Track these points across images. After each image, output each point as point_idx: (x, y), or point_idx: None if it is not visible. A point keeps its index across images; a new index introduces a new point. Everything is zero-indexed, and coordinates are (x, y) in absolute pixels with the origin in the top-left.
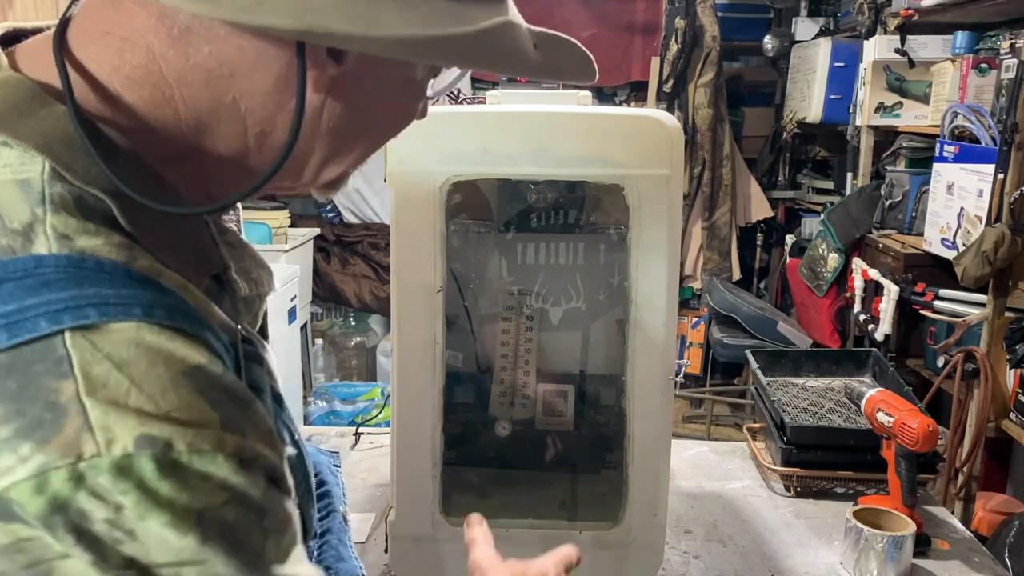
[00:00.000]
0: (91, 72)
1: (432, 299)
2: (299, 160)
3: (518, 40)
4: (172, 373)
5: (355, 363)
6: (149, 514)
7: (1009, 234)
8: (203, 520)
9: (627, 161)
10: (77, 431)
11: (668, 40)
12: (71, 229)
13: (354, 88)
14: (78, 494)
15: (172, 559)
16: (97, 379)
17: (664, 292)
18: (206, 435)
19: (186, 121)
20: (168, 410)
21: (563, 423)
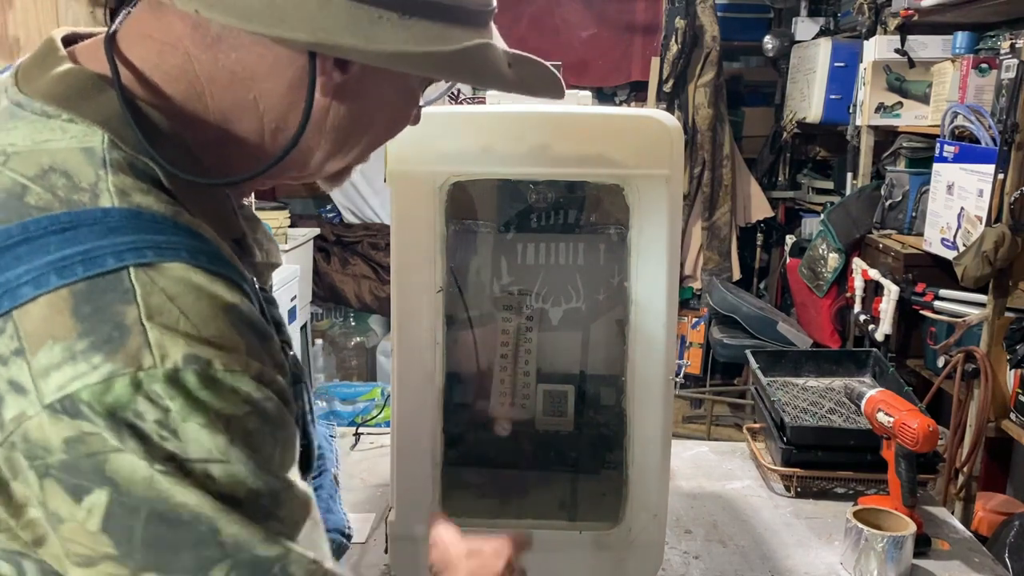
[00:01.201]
0: (137, 67)
1: (432, 299)
2: (305, 153)
3: (495, 59)
4: (213, 307)
5: (355, 363)
6: (190, 417)
7: (1009, 234)
8: (231, 426)
9: (627, 161)
10: (139, 347)
11: (668, 40)
12: (128, 187)
13: (357, 94)
14: (136, 397)
15: (204, 456)
16: (155, 307)
17: (664, 292)
18: (236, 358)
19: (213, 113)
20: (209, 336)
21: (563, 423)
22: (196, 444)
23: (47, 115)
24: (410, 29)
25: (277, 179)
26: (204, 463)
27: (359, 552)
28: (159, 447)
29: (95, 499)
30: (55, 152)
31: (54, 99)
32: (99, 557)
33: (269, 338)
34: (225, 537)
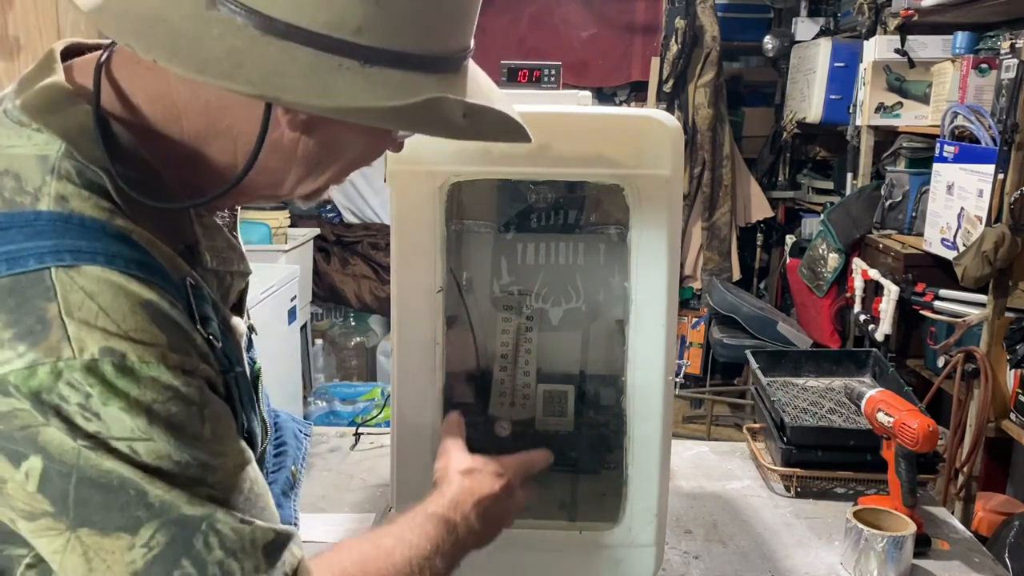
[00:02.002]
0: (121, 87)
1: (432, 299)
2: (278, 176)
3: (445, 111)
4: (131, 304)
5: (355, 363)
6: (110, 401)
7: (1009, 234)
8: (151, 409)
9: (627, 161)
10: (59, 339)
11: (668, 40)
12: (69, 193)
13: (323, 129)
14: (58, 383)
15: (127, 435)
16: (74, 303)
17: (664, 292)
18: (153, 351)
19: (188, 135)
20: (127, 331)
21: (563, 423)
22: (118, 425)
23: (22, 123)
24: (370, 78)
25: (251, 199)
26: (128, 441)
27: None
28: (83, 427)
29: (31, 464)
30: (14, 157)
31: (30, 109)
32: (39, 513)
33: (189, 331)
34: (152, 500)
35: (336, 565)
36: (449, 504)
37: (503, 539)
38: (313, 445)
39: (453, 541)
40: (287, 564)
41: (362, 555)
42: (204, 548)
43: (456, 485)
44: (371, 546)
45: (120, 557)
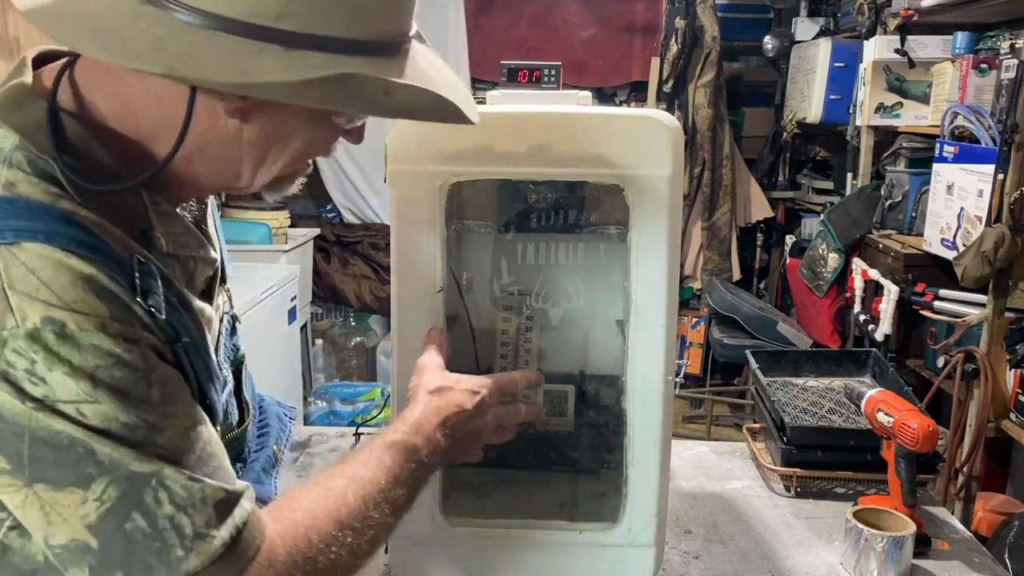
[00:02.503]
0: (80, 87)
1: (432, 299)
2: (232, 165)
3: (363, 88)
4: (71, 278)
5: (355, 363)
6: (54, 367)
7: (1009, 234)
8: (94, 375)
9: (627, 161)
10: (3, 311)
11: (668, 40)
12: (18, 180)
13: (263, 115)
14: (4, 351)
15: (73, 398)
16: (16, 278)
17: (664, 292)
18: (93, 320)
19: (143, 130)
20: (67, 302)
21: (563, 423)
22: (64, 388)
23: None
24: (291, 61)
25: (213, 191)
26: (74, 404)
27: None
28: (31, 392)
29: None
30: None
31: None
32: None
33: (129, 304)
34: (101, 457)
35: (286, 517)
36: (411, 428)
37: (503, 539)
38: (313, 445)
39: (416, 466)
40: (237, 518)
41: (311, 503)
42: (154, 502)
43: (421, 406)
44: (321, 491)
45: (74, 511)
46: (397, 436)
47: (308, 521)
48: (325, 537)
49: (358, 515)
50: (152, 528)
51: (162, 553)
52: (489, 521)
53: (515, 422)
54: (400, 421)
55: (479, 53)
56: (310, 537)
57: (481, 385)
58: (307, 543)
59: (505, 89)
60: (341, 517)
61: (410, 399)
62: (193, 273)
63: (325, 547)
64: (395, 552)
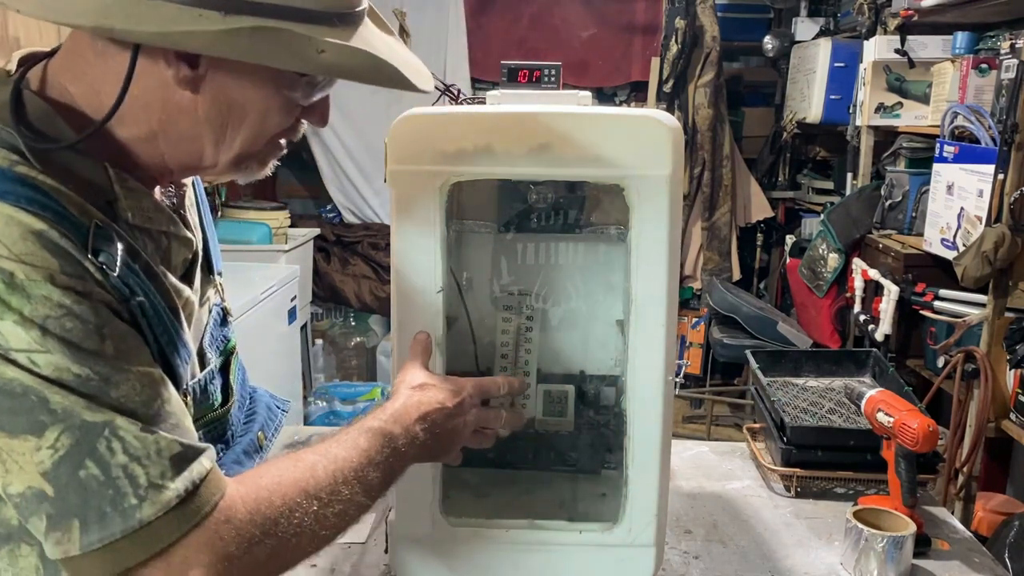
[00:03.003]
0: (50, 71)
1: (432, 299)
2: (195, 142)
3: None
4: (21, 232)
5: (355, 363)
6: (4, 315)
7: (1009, 234)
8: (44, 325)
9: (627, 161)
10: None
11: (668, 40)
12: None
13: (213, 86)
14: None
15: (24, 347)
16: None
17: (664, 292)
18: (41, 271)
19: (106, 108)
20: (17, 254)
21: (563, 423)
22: (14, 337)
23: None
24: (226, 23)
25: (184, 174)
26: (26, 352)
27: (359, 552)
28: None
29: None
30: None
31: None
32: None
33: (80, 260)
34: (54, 406)
35: (251, 482)
36: (390, 416)
37: (503, 539)
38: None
39: (391, 452)
40: (195, 473)
41: (278, 471)
42: (107, 451)
43: (402, 399)
44: (290, 462)
45: (30, 458)
46: (375, 422)
47: (272, 486)
48: (288, 503)
49: (326, 487)
50: (105, 476)
51: (116, 501)
52: (489, 521)
53: (495, 427)
54: (380, 410)
55: (479, 53)
56: (272, 500)
57: (463, 386)
58: (268, 504)
59: (505, 89)
60: (307, 487)
61: (392, 393)
62: (168, 251)
63: (288, 512)
64: (395, 552)
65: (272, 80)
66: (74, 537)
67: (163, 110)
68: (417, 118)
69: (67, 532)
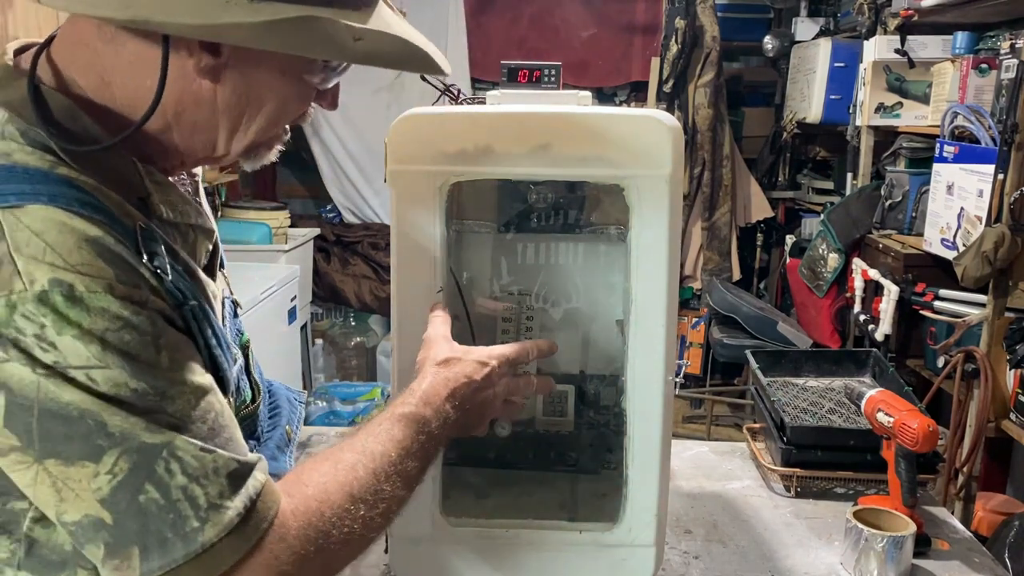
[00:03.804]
0: (56, 63)
1: (432, 299)
2: (209, 132)
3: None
4: (76, 240)
5: (355, 363)
6: (64, 331)
7: (1009, 234)
8: (104, 338)
9: (627, 161)
10: (10, 275)
11: (668, 40)
12: (12, 150)
13: (235, 75)
14: (13, 316)
15: (83, 363)
16: (21, 241)
17: (664, 292)
18: (100, 282)
19: (120, 100)
20: (73, 264)
21: (563, 423)
22: (74, 353)
23: None
24: (258, 12)
25: (196, 162)
26: (85, 369)
27: None
28: (40, 358)
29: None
30: None
31: None
32: (7, 448)
33: (135, 266)
34: (112, 429)
35: (298, 491)
36: (420, 400)
37: (503, 539)
38: (313, 445)
39: (426, 438)
40: (251, 489)
41: (322, 476)
42: (166, 473)
43: (430, 378)
44: (331, 465)
45: (87, 485)
46: (406, 408)
47: (320, 495)
48: (338, 511)
49: (370, 488)
50: (165, 499)
51: (177, 525)
52: (489, 521)
53: (526, 395)
54: (408, 393)
55: (479, 53)
56: (323, 511)
57: (491, 356)
58: (319, 517)
59: (505, 89)
60: (353, 491)
61: (418, 371)
62: (195, 244)
63: (338, 520)
64: (395, 552)
65: (295, 67)
66: (134, 564)
67: (179, 101)
68: (417, 118)
69: (127, 560)
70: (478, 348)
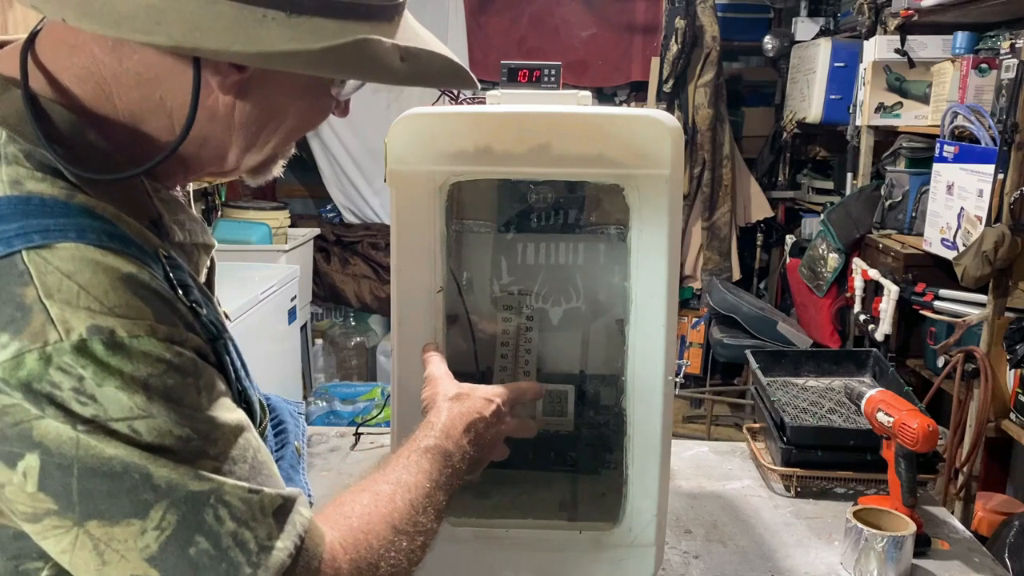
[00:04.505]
0: (48, 69)
1: (432, 299)
2: (221, 149)
3: (381, 53)
4: (111, 279)
5: (355, 363)
6: (104, 381)
7: (1009, 234)
8: (148, 384)
9: (627, 161)
10: (43, 324)
11: (668, 40)
12: (21, 176)
13: (259, 91)
14: (48, 369)
15: (126, 415)
16: (52, 285)
17: (664, 292)
18: (141, 325)
19: (123, 113)
20: (111, 306)
21: (563, 423)
22: (116, 405)
23: None
24: (297, 27)
25: (198, 176)
26: (127, 421)
27: None
28: (79, 413)
29: (28, 463)
30: None
31: None
32: (43, 513)
33: (172, 301)
34: (158, 481)
35: (342, 524)
36: (441, 433)
37: (503, 539)
38: (313, 445)
39: (451, 471)
40: (298, 526)
41: (364, 508)
42: (216, 521)
43: (445, 412)
44: (371, 496)
45: (133, 544)
46: (430, 441)
47: (365, 527)
48: (384, 542)
49: (409, 519)
50: (216, 549)
51: (230, 575)
52: (489, 521)
53: (526, 435)
54: (428, 427)
55: (479, 53)
56: (371, 543)
57: (495, 394)
58: (368, 549)
59: (505, 89)
60: (395, 521)
61: (429, 408)
62: (197, 263)
63: (385, 552)
64: None
65: (322, 81)
66: None
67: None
68: (417, 118)
69: None
70: (482, 386)
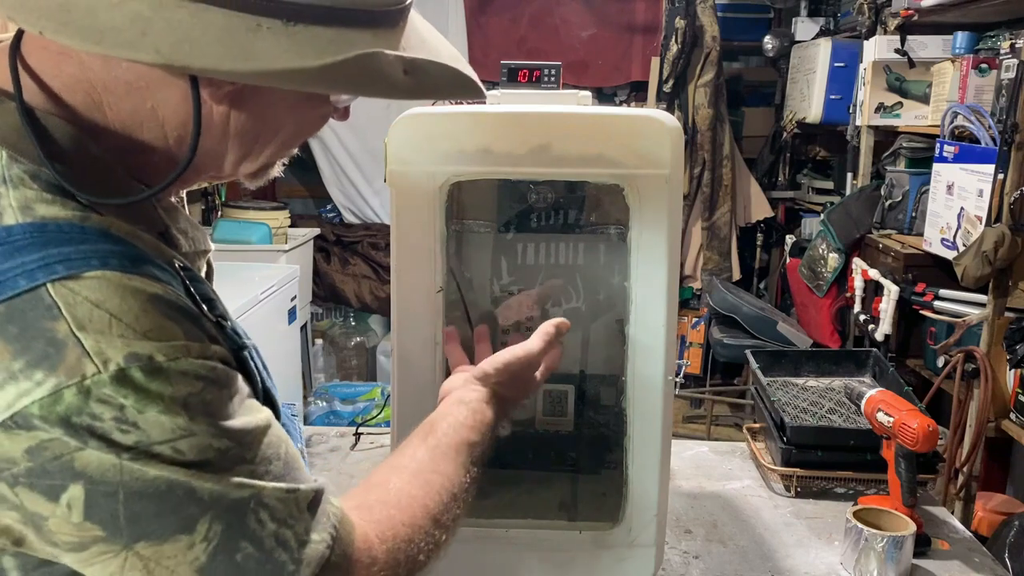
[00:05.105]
0: (40, 77)
1: (432, 299)
2: (217, 158)
3: (384, 68)
4: (140, 303)
5: (355, 363)
6: (147, 408)
7: (1009, 234)
8: (188, 404)
9: (627, 161)
10: (78, 358)
11: (668, 40)
12: (31, 200)
13: (253, 100)
14: (88, 402)
15: (168, 437)
16: (83, 316)
17: (664, 292)
18: (176, 346)
19: (114, 123)
20: (144, 331)
21: (563, 423)
22: (158, 429)
23: None
24: (294, 37)
25: (192, 183)
26: (171, 443)
27: None
28: (121, 441)
29: (72, 494)
30: None
31: None
32: (90, 541)
33: (198, 316)
34: (201, 494)
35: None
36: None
37: (503, 539)
38: (313, 445)
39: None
40: (332, 516)
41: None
42: (258, 525)
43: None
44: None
45: (183, 559)
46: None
47: (407, 519)
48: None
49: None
50: (260, 552)
51: (275, 574)
52: (489, 521)
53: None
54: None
55: (479, 53)
56: (413, 537)
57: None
58: (407, 542)
59: (505, 89)
60: (431, 510)
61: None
62: (198, 269)
63: (421, 541)
64: None
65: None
66: None
67: (183, 124)
68: (417, 118)
69: None
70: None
